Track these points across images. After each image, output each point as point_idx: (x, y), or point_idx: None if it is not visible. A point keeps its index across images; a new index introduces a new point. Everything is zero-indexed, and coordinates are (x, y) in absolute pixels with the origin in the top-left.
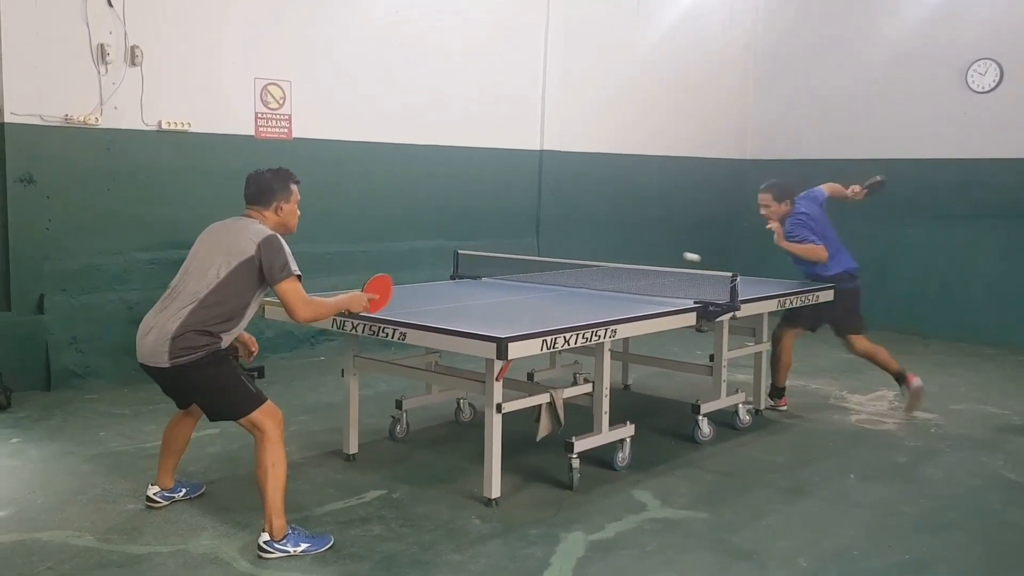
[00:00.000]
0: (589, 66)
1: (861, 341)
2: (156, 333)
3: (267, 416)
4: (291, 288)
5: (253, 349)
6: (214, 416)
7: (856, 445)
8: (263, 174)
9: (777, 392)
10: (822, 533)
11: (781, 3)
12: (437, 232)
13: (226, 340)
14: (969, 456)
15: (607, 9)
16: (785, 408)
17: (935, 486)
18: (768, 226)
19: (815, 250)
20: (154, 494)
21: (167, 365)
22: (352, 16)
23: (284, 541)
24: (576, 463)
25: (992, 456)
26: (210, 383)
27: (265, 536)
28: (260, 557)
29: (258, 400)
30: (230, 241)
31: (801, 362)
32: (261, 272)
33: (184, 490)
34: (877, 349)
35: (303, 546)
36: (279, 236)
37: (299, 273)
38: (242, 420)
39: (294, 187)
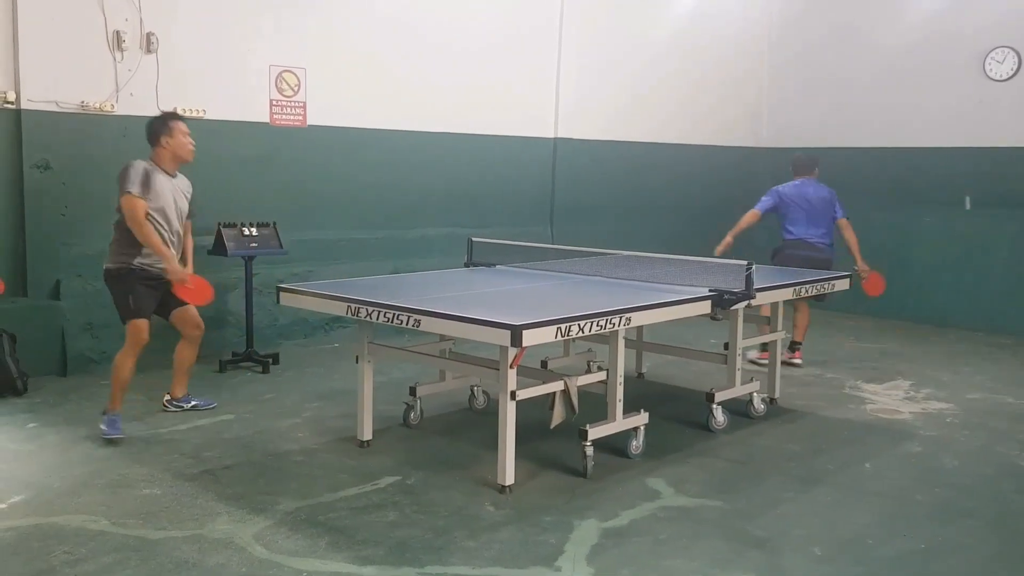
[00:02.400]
0: (603, 54)
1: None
2: None
3: (129, 332)
4: (126, 202)
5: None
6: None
7: (871, 434)
8: (151, 121)
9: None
10: (837, 521)
11: None
12: (451, 219)
13: (137, 261)
14: (984, 445)
15: None
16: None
17: (950, 475)
18: None
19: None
20: (166, 401)
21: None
22: (366, 4)
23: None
24: (590, 451)
25: (1008, 445)
26: (112, 289)
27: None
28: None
29: (128, 317)
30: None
31: (816, 352)
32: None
33: (195, 402)
34: (806, 316)
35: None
36: (131, 163)
37: (131, 191)
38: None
39: (172, 123)
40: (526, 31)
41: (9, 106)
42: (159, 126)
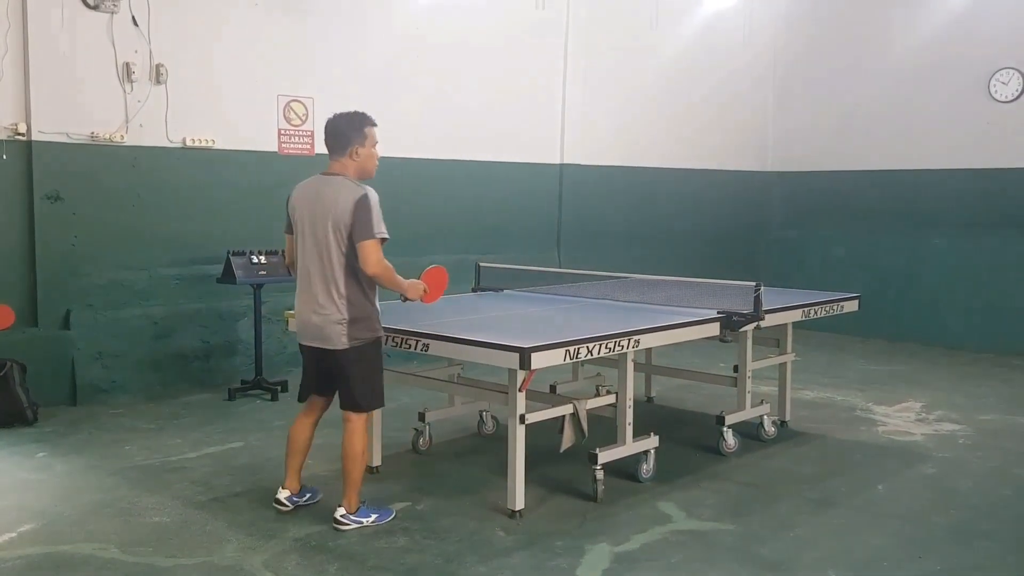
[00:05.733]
0: (609, 80)
1: None
2: (320, 317)
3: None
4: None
5: None
6: (354, 404)
7: (884, 456)
8: (336, 120)
9: None
10: (851, 544)
11: (802, 15)
12: (459, 246)
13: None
14: (999, 466)
15: (626, 23)
16: None
17: (965, 496)
18: None
19: None
20: (284, 498)
21: (346, 347)
22: (373, 34)
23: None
24: (600, 475)
25: (1023, 466)
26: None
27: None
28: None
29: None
30: (331, 205)
31: (827, 375)
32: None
33: (308, 495)
34: None
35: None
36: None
37: (385, 236)
38: (365, 414)
39: (368, 130)
40: (531, 58)
41: (20, 137)
42: (352, 131)
